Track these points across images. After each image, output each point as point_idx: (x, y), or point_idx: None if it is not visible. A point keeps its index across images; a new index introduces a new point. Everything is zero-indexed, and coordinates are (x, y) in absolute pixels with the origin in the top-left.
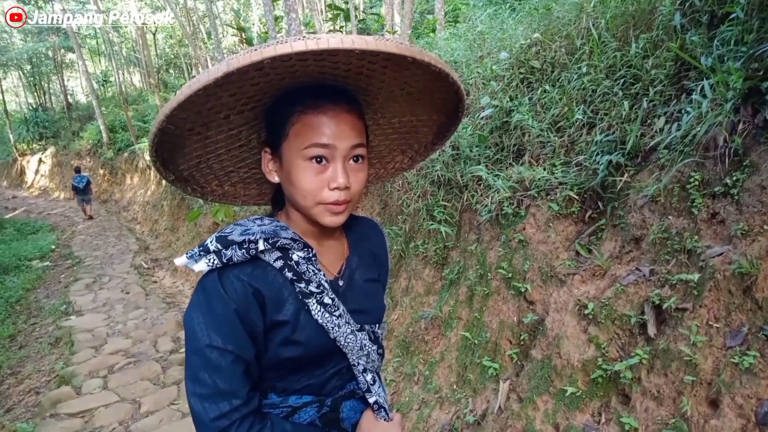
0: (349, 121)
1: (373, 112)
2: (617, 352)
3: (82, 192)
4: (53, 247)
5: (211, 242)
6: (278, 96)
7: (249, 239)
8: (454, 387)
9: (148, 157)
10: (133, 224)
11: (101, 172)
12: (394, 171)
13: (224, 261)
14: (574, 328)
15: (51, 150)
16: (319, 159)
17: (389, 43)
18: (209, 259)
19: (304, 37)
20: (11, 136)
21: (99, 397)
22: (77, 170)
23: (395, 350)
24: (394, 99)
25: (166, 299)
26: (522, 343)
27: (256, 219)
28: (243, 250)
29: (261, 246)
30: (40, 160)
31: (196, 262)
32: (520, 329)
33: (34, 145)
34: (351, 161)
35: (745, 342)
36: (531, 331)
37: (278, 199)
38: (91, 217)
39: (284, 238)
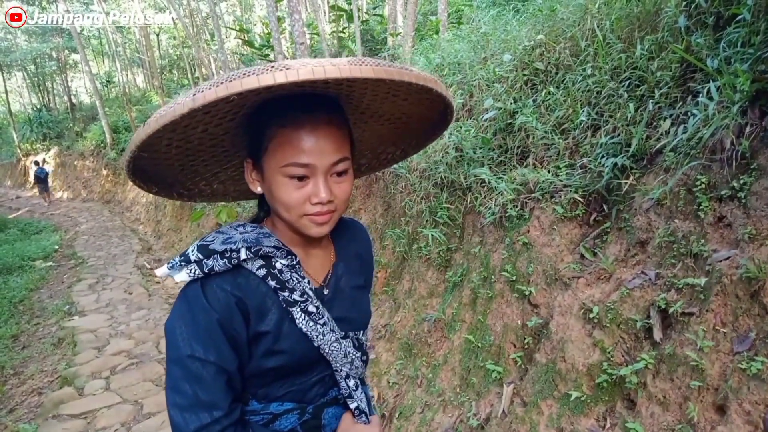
0: (329, 135)
1: (359, 112)
2: (622, 356)
3: (43, 181)
4: (56, 247)
5: (192, 252)
6: (257, 105)
7: (231, 248)
8: (458, 390)
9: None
10: (136, 225)
11: (104, 172)
12: (387, 162)
13: (206, 271)
14: (578, 332)
15: (54, 150)
16: (299, 177)
17: (365, 67)
18: (190, 270)
19: (273, 67)
20: (15, 137)
21: (101, 398)
22: (36, 163)
23: (398, 353)
24: (380, 101)
25: (168, 300)
26: (526, 346)
27: (239, 226)
28: (225, 260)
29: (243, 255)
30: (44, 161)
31: (177, 272)
32: (524, 333)
33: (38, 146)
34: (333, 175)
35: (753, 347)
36: (535, 334)
37: (265, 203)
38: (49, 203)
39: (267, 246)
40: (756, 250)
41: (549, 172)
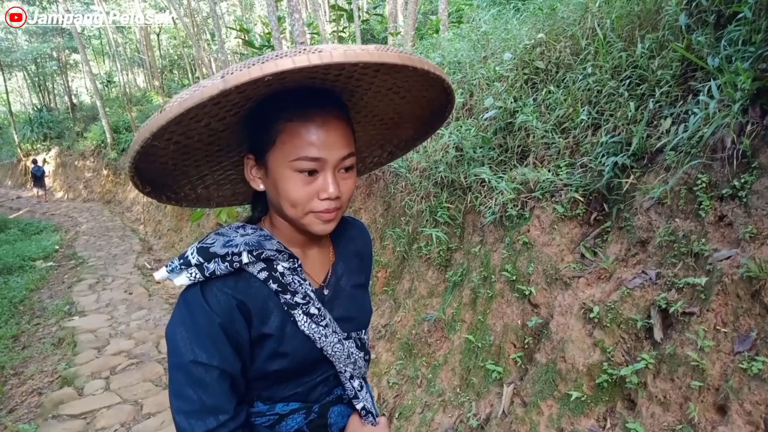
0: (338, 129)
1: (355, 111)
2: (623, 356)
3: (39, 179)
4: (57, 247)
5: (192, 254)
6: (261, 100)
7: (232, 251)
8: (458, 390)
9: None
10: (136, 225)
11: (105, 172)
12: (373, 165)
13: (207, 275)
14: (579, 332)
15: (55, 150)
16: (309, 171)
17: (391, 53)
18: (191, 273)
19: (305, 50)
20: (16, 137)
21: (101, 398)
22: (35, 162)
23: (398, 353)
24: (379, 98)
25: (169, 300)
26: (526, 346)
27: (239, 228)
28: (226, 263)
29: (245, 259)
30: (45, 161)
31: (177, 275)
32: (525, 332)
33: (39, 146)
34: (340, 171)
35: (754, 347)
36: (535, 334)
37: (258, 204)
38: (46, 200)
39: (269, 249)
40: (757, 250)
41: (549, 171)
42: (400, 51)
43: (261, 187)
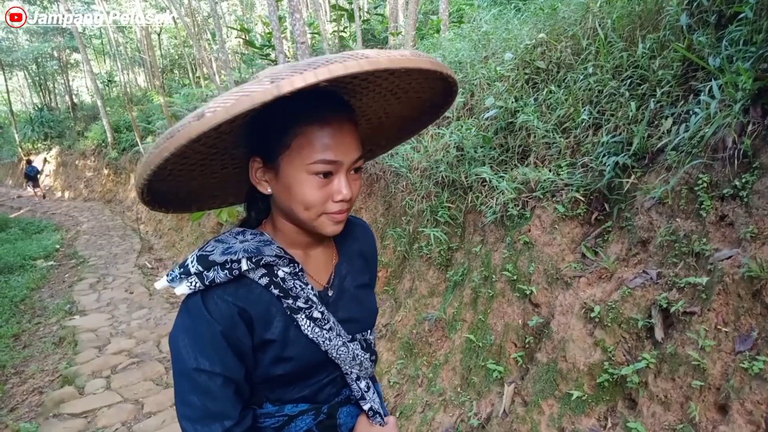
0: (351, 132)
1: None
2: (624, 355)
3: (33, 179)
4: (58, 246)
5: (191, 263)
6: (272, 102)
7: (231, 259)
8: (459, 390)
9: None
10: (137, 224)
11: (105, 172)
12: None
13: (206, 283)
14: (580, 332)
15: (56, 150)
16: (324, 173)
17: (424, 58)
18: (191, 282)
19: (352, 55)
20: (16, 136)
21: (102, 397)
22: (29, 162)
23: (399, 352)
24: (376, 99)
25: (169, 299)
26: (527, 346)
27: (238, 234)
28: (225, 271)
29: (244, 266)
30: (45, 160)
31: (178, 284)
32: (525, 332)
33: (39, 145)
34: (350, 172)
35: (755, 347)
36: (536, 334)
37: (253, 206)
38: (44, 196)
39: (268, 255)
40: (758, 249)
41: (550, 171)
42: (426, 56)
43: (268, 191)
